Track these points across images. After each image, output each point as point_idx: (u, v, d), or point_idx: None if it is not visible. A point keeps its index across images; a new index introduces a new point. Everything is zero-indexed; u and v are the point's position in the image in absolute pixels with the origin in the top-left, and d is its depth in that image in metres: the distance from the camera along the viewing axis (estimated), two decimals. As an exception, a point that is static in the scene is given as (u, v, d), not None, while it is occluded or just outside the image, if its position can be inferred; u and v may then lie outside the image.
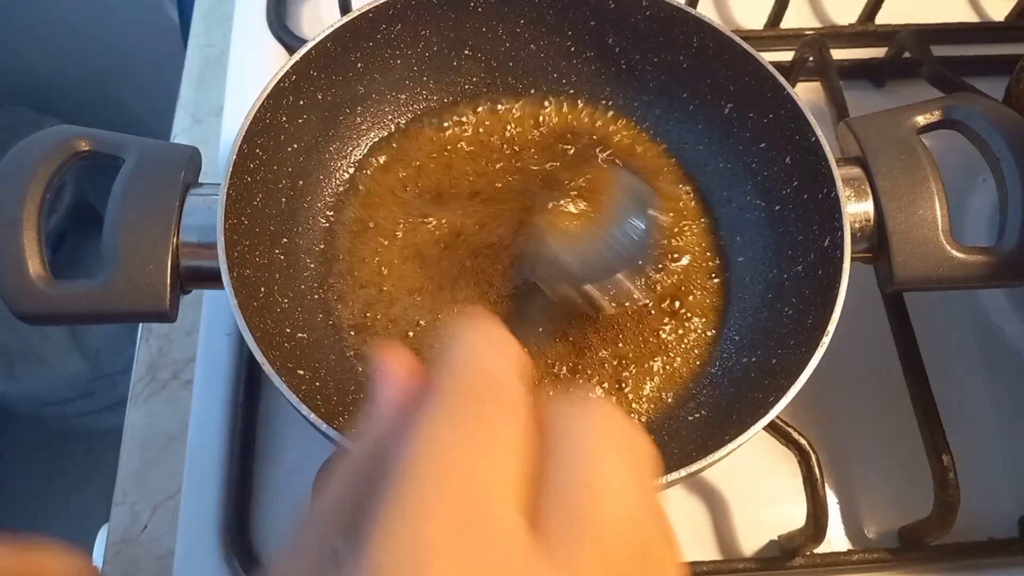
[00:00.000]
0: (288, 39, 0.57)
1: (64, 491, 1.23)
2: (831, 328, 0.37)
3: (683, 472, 0.34)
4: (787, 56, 0.58)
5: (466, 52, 0.49)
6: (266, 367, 0.35)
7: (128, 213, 0.38)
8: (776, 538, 0.44)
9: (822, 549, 0.43)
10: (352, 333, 0.44)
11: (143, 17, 0.98)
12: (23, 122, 1.09)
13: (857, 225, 0.40)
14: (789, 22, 0.60)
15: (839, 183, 0.40)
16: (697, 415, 0.42)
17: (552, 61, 0.50)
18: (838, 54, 0.58)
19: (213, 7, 0.63)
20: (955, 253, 0.39)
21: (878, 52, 0.60)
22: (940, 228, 0.39)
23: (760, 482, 0.46)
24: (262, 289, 0.41)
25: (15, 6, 1.04)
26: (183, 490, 0.45)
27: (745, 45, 0.44)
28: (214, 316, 0.49)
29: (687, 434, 0.41)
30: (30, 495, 1.24)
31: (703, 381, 0.43)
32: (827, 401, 0.47)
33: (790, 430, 0.42)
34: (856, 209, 0.40)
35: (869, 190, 0.40)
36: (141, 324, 0.51)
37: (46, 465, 1.25)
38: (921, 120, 0.42)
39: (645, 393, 0.43)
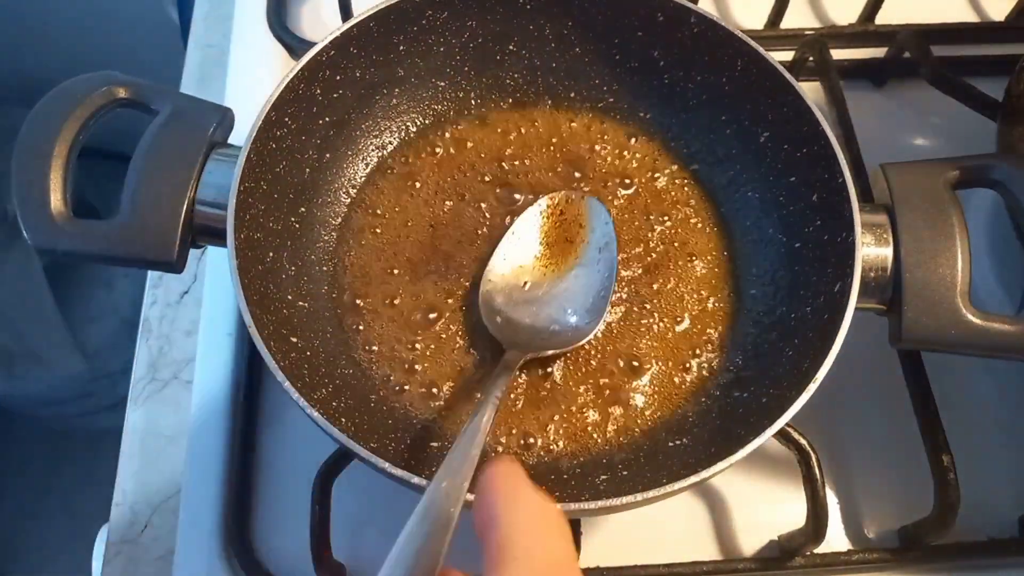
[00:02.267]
0: (288, 39, 0.57)
1: (64, 491, 1.23)
2: (820, 376, 0.36)
3: (659, 491, 0.34)
4: (787, 56, 0.58)
5: (510, 48, 0.49)
6: (252, 330, 0.35)
7: (151, 162, 0.39)
8: (776, 538, 0.44)
9: (822, 549, 0.43)
10: (353, 309, 0.44)
11: (143, 17, 0.98)
12: (23, 122, 1.09)
13: (872, 275, 0.38)
14: (789, 22, 0.60)
15: (858, 229, 0.38)
16: (679, 442, 0.41)
17: (595, 68, 0.49)
18: (838, 54, 0.58)
19: (213, 7, 0.63)
20: (970, 318, 0.37)
21: (878, 52, 0.60)
22: (958, 289, 0.37)
23: (760, 482, 0.46)
24: (270, 254, 0.41)
25: (14, 6, 1.03)
26: (183, 490, 0.45)
27: (787, 75, 0.43)
28: (214, 316, 0.49)
29: (663, 459, 0.40)
30: (30, 495, 1.24)
31: (694, 408, 0.42)
32: (827, 401, 0.46)
33: (790, 430, 0.42)
34: (873, 257, 0.38)
35: (890, 239, 0.39)
36: (141, 325, 0.51)
37: (46, 465, 1.25)
38: (958, 175, 0.40)
39: (636, 410, 0.42)
